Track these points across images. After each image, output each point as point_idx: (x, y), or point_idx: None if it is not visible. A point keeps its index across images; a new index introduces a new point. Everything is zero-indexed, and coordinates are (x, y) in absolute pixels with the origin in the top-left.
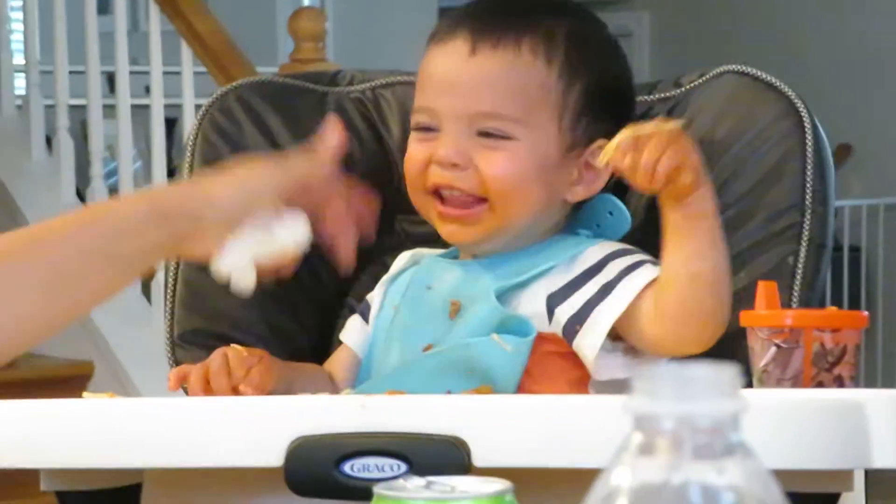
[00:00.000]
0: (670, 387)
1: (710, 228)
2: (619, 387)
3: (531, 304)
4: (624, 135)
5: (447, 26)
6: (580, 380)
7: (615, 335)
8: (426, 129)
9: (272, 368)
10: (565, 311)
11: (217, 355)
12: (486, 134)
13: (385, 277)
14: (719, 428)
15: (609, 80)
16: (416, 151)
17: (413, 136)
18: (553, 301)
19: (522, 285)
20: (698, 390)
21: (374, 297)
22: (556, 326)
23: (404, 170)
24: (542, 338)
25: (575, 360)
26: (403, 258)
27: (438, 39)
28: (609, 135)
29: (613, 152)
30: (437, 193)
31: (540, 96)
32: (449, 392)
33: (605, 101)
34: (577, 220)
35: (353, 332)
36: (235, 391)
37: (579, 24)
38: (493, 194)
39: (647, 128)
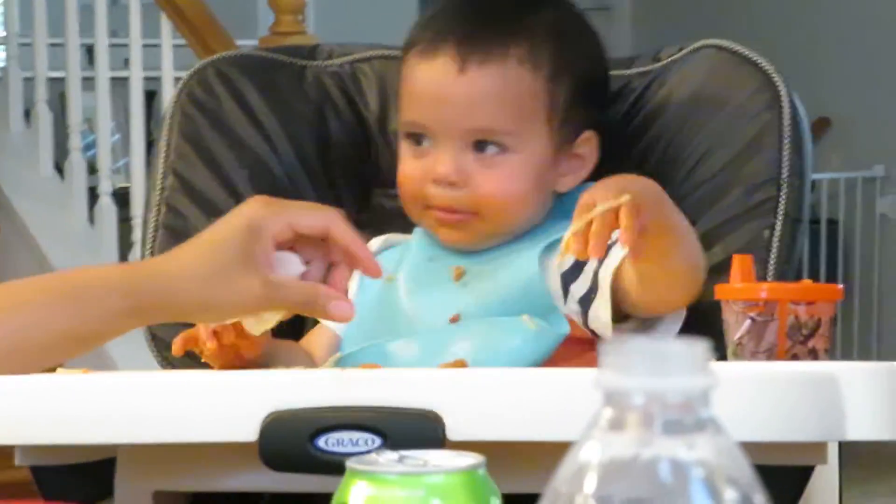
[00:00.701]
0: (641, 362)
1: (683, 225)
2: None
3: (549, 279)
4: (575, 226)
5: (430, 37)
6: (593, 360)
7: (624, 316)
8: (418, 140)
9: (257, 339)
10: (579, 287)
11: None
12: (482, 147)
13: None
14: (690, 403)
15: (591, 71)
16: (411, 168)
17: (405, 148)
18: (568, 279)
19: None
20: (669, 365)
21: (351, 278)
22: (572, 303)
23: (398, 183)
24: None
25: (592, 343)
26: (376, 242)
27: (422, 52)
28: (593, 122)
29: (572, 245)
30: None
31: (531, 104)
32: (456, 360)
33: (589, 93)
34: (563, 210)
35: None
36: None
37: (558, 18)
38: (486, 211)
39: (596, 210)
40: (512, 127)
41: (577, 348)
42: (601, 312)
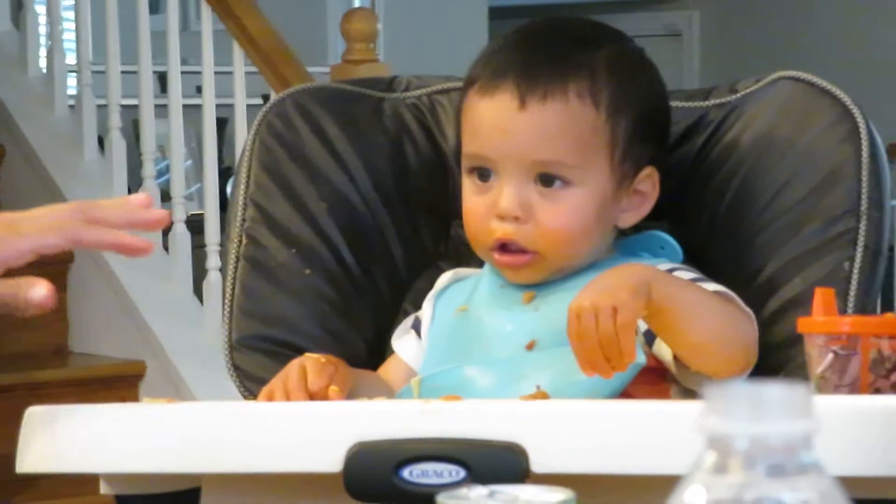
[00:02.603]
0: (744, 407)
1: (688, 302)
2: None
3: None
4: (579, 357)
5: (489, 75)
6: (667, 390)
7: None
8: (481, 173)
9: (348, 376)
10: (642, 323)
11: (294, 367)
12: (545, 180)
13: (431, 294)
14: (792, 447)
15: (650, 106)
16: (475, 205)
17: (468, 184)
18: None
19: None
20: (771, 410)
21: (424, 312)
22: (639, 334)
23: (464, 222)
24: None
25: (664, 374)
26: (446, 276)
27: (482, 89)
28: (653, 158)
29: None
30: (499, 246)
31: (592, 139)
32: (538, 388)
33: (649, 128)
34: (630, 248)
35: (408, 347)
36: (313, 400)
37: (617, 55)
38: (549, 246)
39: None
40: (574, 161)
41: (651, 377)
42: (664, 351)
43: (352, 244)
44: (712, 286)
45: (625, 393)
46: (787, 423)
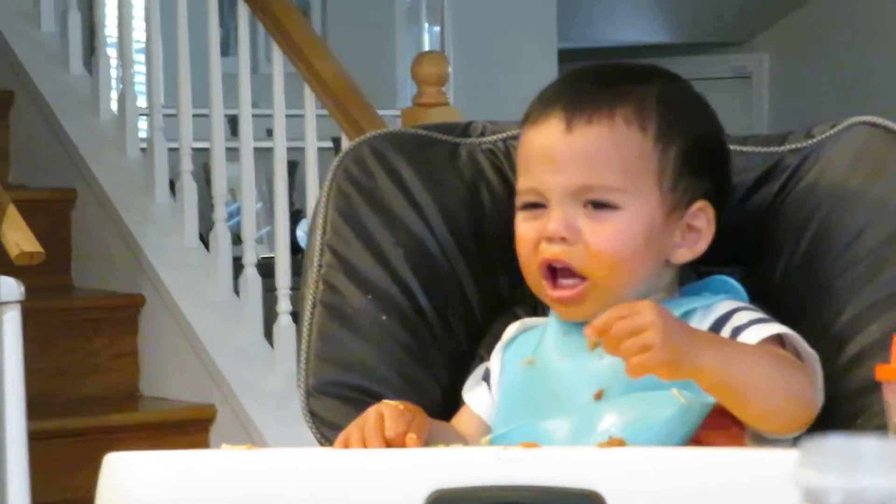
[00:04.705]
0: (838, 460)
1: (742, 378)
2: (772, 441)
3: None
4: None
5: (541, 106)
6: (739, 434)
7: None
8: (533, 206)
9: (425, 424)
10: None
11: (371, 414)
12: (592, 205)
13: (499, 345)
14: (886, 501)
15: (702, 138)
16: (525, 230)
17: (520, 216)
18: None
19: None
20: (866, 464)
21: (493, 364)
22: None
23: (517, 250)
24: None
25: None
26: (513, 327)
27: (533, 120)
28: (706, 193)
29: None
30: (547, 269)
31: (639, 163)
32: (611, 438)
33: (701, 160)
34: (693, 290)
35: (479, 399)
36: (390, 447)
37: (667, 88)
38: (597, 268)
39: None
40: (620, 185)
41: (724, 422)
42: None
43: (427, 290)
44: (774, 328)
45: (696, 439)
46: (882, 478)
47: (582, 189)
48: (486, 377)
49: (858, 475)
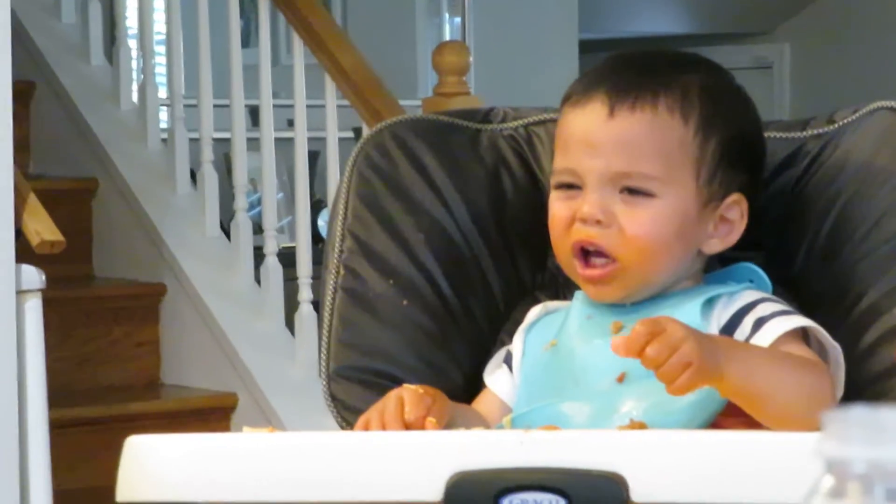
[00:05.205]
0: (862, 431)
1: (762, 383)
2: None
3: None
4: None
5: (583, 88)
6: (757, 422)
7: None
8: (568, 186)
9: (445, 408)
10: None
11: (392, 398)
12: (629, 191)
13: (521, 327)
14: None
15: (742, 132)
16: (559, 209)
17: (554, 195)
18: (724, 334)
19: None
20: (890, 434)
21: (515, 346)
22: None
23: (549, 228)
24: None
25: None
26: (535, 310)
27: (575, 101)
28: (742, 187)
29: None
30: (580, 251)
31: (679, 154)
32: (632, 421)
33: (739, 154)
34: (719, 279)
35: (501, 381)
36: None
37: (711, 79)
38: (628, 254)
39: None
40: (658, 173)
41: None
42: None
43: (449, 275)
44: (797, 321)
45: (715, 425)
46: None
47: (620, 175)
48: (507, 360)
49: (882, 445)
